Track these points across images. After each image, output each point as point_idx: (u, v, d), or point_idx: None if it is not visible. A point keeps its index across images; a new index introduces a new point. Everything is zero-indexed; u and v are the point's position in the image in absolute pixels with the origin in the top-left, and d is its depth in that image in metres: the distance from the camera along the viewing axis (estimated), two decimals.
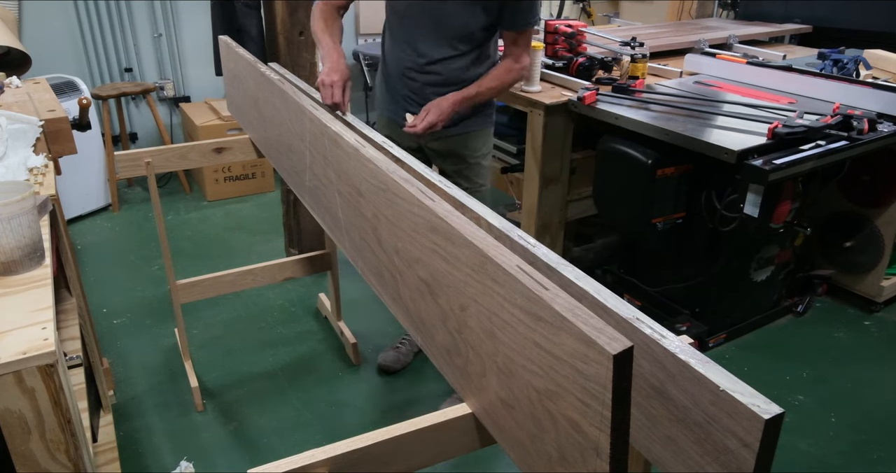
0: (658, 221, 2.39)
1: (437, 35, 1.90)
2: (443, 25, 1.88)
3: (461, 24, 1.87)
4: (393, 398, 2.31)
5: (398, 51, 1.99)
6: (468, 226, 0.85)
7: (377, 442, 0.88)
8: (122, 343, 2.58)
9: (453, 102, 1.86)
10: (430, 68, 1.95)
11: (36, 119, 1.79)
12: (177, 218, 3.66)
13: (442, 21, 1.87)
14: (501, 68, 1.96)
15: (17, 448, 1.06)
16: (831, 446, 2.10)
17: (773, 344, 2.61)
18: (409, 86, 2.00)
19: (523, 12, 1.88)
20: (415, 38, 1.93)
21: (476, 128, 2.10)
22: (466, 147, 2.11)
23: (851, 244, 2.76)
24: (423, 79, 1.97)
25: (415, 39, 1.93)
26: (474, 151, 2.12)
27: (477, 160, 2.13)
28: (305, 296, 2.90)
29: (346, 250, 1.34)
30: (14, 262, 1.21)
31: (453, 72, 1.95)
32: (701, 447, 0.72)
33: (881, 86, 2.43)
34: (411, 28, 1.92)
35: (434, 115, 1.83)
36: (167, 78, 4.14)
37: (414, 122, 1.83)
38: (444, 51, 1.92)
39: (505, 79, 1.96)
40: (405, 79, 2.00)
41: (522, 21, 1.90)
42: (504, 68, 1.96)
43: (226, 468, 2.00)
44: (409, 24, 1.92)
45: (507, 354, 0.78)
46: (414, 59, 1.96)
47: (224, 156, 2.15)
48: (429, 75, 1.97)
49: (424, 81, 1.98)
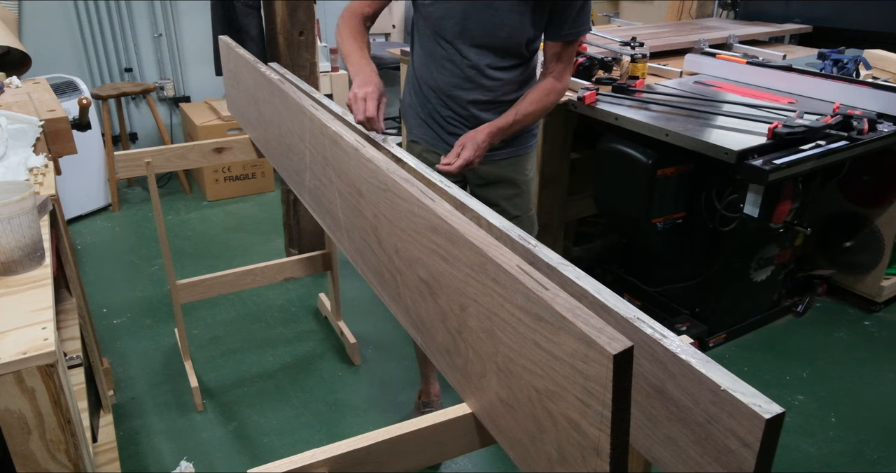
0: (658, 221, 2.39)
1: (480, 44, 1.67)
2: (488, 32, 1.64)
3: (507, 33, 1.64)
4: (393, 398, 2.31)
5: (434, 65, 1.74)
6: (468, 225, 0.85)
7: (377, 442, 0.88)
8: (122, 343, 2.58)
9: (489, 134, 1.63)
10: (477, 81, 1.71)
11: (36, 119, 1.79)
12: (177, 218, 3.66)
13: (487, 27, 1.63)
14: (541, 89, 1.70)
15: (17, 448, 1.06)
16: (831, 446, 2.10)
17: (773, 344, 2.61)
18: (451, 105, 1.76)
19: (573, 18, 1.64)
20: (455, 49, 1.69)
21: (528, 149, 1.88)
22: (518, 170, 1.87)
23: (851, 244, 2.76)
24: (468, 95, 1.73)
25: (455, 50, 1.69)
26: (526, 174, 1.90)
27: (528, 184, 1.92)
28: (305, 296, 2.90)
29: (346, 250, 1.34)
30: (14, 262, 1.21)
31: (501, 87, 1.73)
32: (701, 447, 0.72)
33: (881, 86, 2.43)
34: (451, 37, 1.68)
35: (470, 151, 1.59)
36: (167, 78, 4.14)
37: (448, 160, 1.60)
38: (490, 61, 1.69)
39: (545, 103, 1.70)
40: (445, 98, 1.76)
41: (571, 29, 1.66)
42: (544, 89, 1.70)
43: (226, 468, 2.00)
44: (447, 32, 1.67)
45: (507, 354, 0.78)
46: (456, 73, 1.71)
47: (224, 156, 2.15)
48: (474, 91, 1.72)
49: (470, 99, 1.73)
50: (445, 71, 1.72)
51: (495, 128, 1.64)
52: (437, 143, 1.83)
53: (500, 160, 1.83)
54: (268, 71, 1.74)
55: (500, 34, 1.64)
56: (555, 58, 1.71)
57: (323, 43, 4.09)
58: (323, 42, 4.13)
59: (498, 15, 1.61)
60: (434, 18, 1.68)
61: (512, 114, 1.67)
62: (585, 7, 1.65)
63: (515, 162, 1.86)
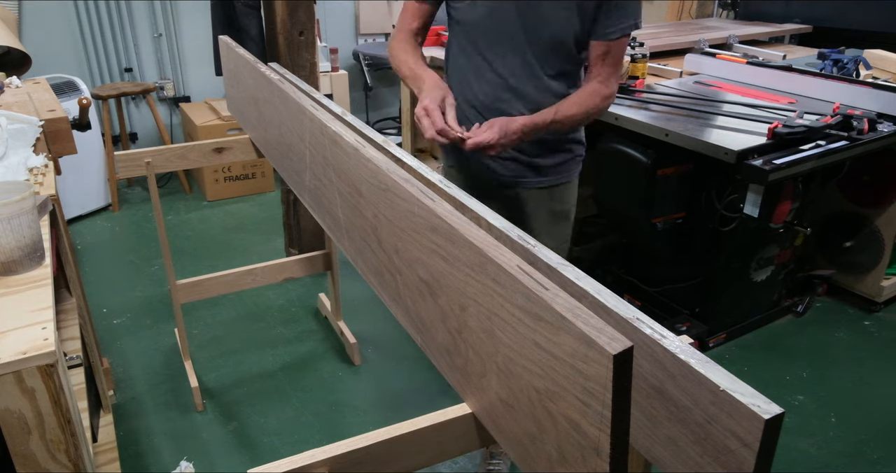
0: (658, 221, 2.39)
1: (521, 50, 1.52)
2: (532, 32, 1.50)
3: (551, 34, 1.50)
4: (393, 398, 2.31)
5: (473, 77, 1.59)
6: (468, 225, 0.85)
7: (377, 442, 0.88)
8: (122, 343, 2.58)
9: (523, 125, 1.44)
10: (522, 91, 1.56)
11: (36, 119, 1.79)
12: (177, 218, 3.66)
13: (531, 27, 1.49)
14: (584, 91, 1.53)
15: (17, 448, 1.06)
16: (831, 446, 2.10)
17: (773, 344, 2.61)
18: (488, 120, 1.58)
19: (622, 13, 1.48)
20: (492, 57, 1.54)
21: (572, 176, 1.73)
22: (559, 198, 1.73)
23: (851, 244, 2.76)
24: (512, 110, 1.57)
25: (495, 56, 1.54)
26: (566, 203, 1.75)
27: (567, 214, 1.78)
28: (305, 296, 2.90)
29: (346, 250, 1.34)
30: (14, 262, 1.21)
31: (550, 98, 1.56)
32: (701, 447, 0.72)
33: (881, 86, 2.43)
34: (491, 42, 1.53)
35: (495, 134, 1.40)
36: (167, 78, 4.14)
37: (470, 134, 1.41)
38: (531, 70, 1.55)
39: (588, 106, 1.52)
40: (487, 113, 1.59)
41: (619, 25, 1.49)
42: (588, 92, 1.53)
43: (226, 468, 2.00)
44: (486, 37, 1.53)
45: (507, 354, 0.78)
46: (497, 83, 1.56)
47: (224, 156, 2.15)
48: (519, 103, 1.58)
49: (514, 113, 1.57)
50: (485, 82, 1.57)
51: (531, 122, 1.46)
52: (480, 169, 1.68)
53: (541, 187, 1.68)
54: (268, 71, 1.74)
55: (545, 34, 1.50)
56: (599, 59, 1.53)
57: (323, 43, 4.09)
58: (323, 42, 4.13)
59: (542, 11, 1.47)
60: (470, 23, 1.54)
61: (551, 113, 1.49)
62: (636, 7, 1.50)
63: (557, 191, 1.71)
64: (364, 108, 4.79)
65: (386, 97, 4.98)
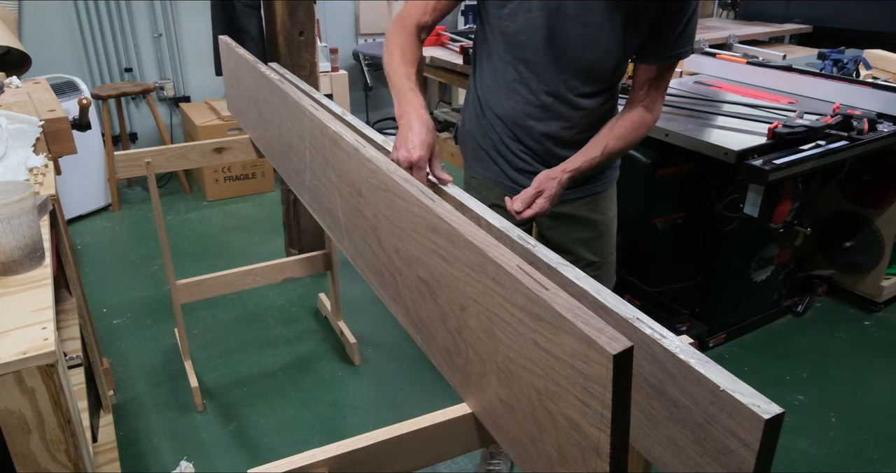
0: (658, 221, 2.39)
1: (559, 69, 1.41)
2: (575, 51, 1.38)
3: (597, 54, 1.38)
4: (393, 398, 2.31)
5: (503, 90, 1.48)
6: (468, 225, 0.85)
7: (377, 442, 0.88)
8: (122, 343, 2.58)
9: (570, 179, 1.38)
10: (555, 110, 1.46)
11: (36, 119, 1.79)
12: (177, 218, 3.66)
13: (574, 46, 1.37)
14: (629, 122, 1.43)
15: (17, 448, 1.06)
16: (831, 446, 2.10)
17: (773, 344, 2.61)
18: (521, 137, 1.51)
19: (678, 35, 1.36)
20: (531, 71, 1.43)
21: (608, 185, 1.63)
22: (596, 209, 1.62)
23: (851, 244, 2.76)
24: (543, 127, 1.48)
25: (531, 72, 1.43)
26: (605, 213, 1.65)
27: (608, 225, 1.68)
28: (305, 296, 2.90)
29: (346, 250, 1.34)
30: (14, 262, 1.21)
31: (583, 118, 1.48)
32: (701, 447, 0.72)
33: (881, 86, 2.43)
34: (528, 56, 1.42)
35: (547, 201, 1.34)
36: (167, 78, 4.14)
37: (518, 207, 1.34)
38: (567, 89, 1.44)
39: (633, 138, 1.43)
40: (515, 128, 1.51)
41: (673, 49, 1.38)
42: (633, 122, 1.43)
43: (226, 468, 2.00)
44: (524, 50, 1.41)
45: (507, 354, 0.78)
46: (529, 100, 1.46)
47: (224, 156, 2.15)
48: (550, 122, 1.47)
49: (545, 131, 1.49)
50: (517, 96, 1.47)
51: (576, 171, 1.38)
52: (500, 179, 1.58)
53: (573, 199, 1.58)
54: (268, 71, 1.74)
55: (588, 55, 1.38)
56: (647, 84, 1.42)
57: (323, 43, 4.09)
58: (323, 42, 4.13)
59: (588, 31, 1.35)
60: (508, 33, 1.40)
61: (598, 152, 1.40)
62: (693, 21, 1.36)
63: (593, 201, 1.60)
64: (364, 108, 4.79)
65: (386, 97, 4.98)
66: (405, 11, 1.42)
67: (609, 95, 1.50)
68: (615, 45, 1.37)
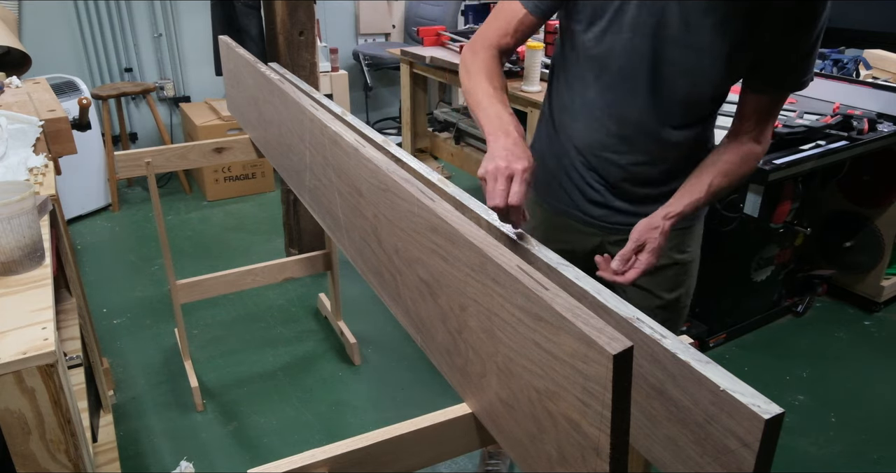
0: None
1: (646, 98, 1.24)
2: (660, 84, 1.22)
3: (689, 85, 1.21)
4: (393, 398, 2.31)
5: (581, 114, 1.32)
6: (468, 225, 0.85)
7: (377, 442, 0.88)
8: (122, 343, 2.58)
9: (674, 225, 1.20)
10: (637, 143, 1.29)
11: (36, 119, 1.79)
12: (177, 218, 3.66)
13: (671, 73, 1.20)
14: (735, 155, 1.25)
15: (17, 448, 1.06)
16: (831, 446, 2.10)
17: (773, 344, 2.61)
18: (596, 167, 1.35)
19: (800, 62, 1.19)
20: (607, 98, 1.27)
21: (696, 220, 1.45)
22: (679, 246, 1.44)
23: (851, 244, 2.76)
24: (622, 160, 1.32)
25: (607, 99, 1.27)
26: (688, 252, 1.47)
27: (690, 265, 1.49)
28: (305, 296, 2.90)
29: (346, 250, 1.34)
30: (14, 262, 1.21)
31: (669, 152, 1.31)
32: (701, 447, 0.72)
33: (881, 86, 2.43)
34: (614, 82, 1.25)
35: (652, 255, 1.17)
36: (167, 78, 4.14)
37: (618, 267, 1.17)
38: (652, 121, 1.26)
39: (740, 174, 1.26)
40: (590, 157, 1.35)
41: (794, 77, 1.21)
42: (741, 156, 1.25)
43: (226, 468, 2.00)
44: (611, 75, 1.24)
45: (507, 354, 0.78)
46: (609, 130, 1.29)
47: (224, 156, 2.15)
48: (631, 154, 1.31)
49: (624, 164, 1.32)
50: (595, 124, 1.30)
51: (679, 216, 1.20)
52: (569, 209, 1.43)
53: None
54: (268, 71, 1.74)
55: (681, 84, 1.21)
56: (756, 113, 1.25)
57: (323, 43, 4.09)
58: (323, 42, 4.13)
59: (688, 57, 1.17)
60: (592, 55, 1.24)
61: (702, 192, 1.22)
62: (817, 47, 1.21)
63: (676, 237, 1.39)
64: (364, 108, 4.79)
65: (386, 97, 4.98)
66: (484, 32, 1.26)
67: (704, 127, 1.33)
68: (720, 72, 1.19)
